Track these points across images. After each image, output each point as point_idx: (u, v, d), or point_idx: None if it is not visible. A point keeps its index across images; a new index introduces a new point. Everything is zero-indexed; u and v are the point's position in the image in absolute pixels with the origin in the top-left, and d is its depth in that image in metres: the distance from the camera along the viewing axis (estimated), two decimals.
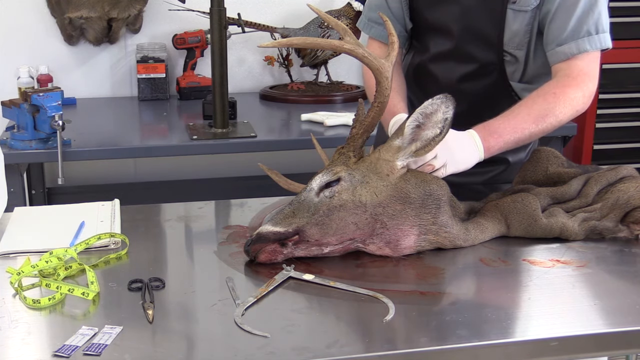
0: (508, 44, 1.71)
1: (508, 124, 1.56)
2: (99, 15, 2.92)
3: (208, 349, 1.11)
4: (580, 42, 1.62)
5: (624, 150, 3.19)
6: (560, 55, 1.64)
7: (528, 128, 1.57)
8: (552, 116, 1.58)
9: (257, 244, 1.36)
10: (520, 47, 1.71)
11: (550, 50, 1.66)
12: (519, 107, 1.60)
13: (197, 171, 3.24)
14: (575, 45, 1.62)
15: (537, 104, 1.59)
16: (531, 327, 1.18)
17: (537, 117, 1.57)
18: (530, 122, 1.57)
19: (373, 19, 1.82)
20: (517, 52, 1.72)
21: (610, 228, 1.49)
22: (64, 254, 1.35)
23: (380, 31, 1.81)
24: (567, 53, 1.63)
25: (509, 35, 1.70)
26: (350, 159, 1.42)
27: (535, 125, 1.57)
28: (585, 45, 1.62)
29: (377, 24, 1.81)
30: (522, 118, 1.57)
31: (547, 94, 1.60)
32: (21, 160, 2.42)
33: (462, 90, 1.71)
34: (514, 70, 1.75)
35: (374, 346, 1.11)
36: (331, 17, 1.47)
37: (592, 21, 1.63)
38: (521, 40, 1.71)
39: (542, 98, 1.59)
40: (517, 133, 1.57)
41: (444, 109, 1.38)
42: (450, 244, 1.44)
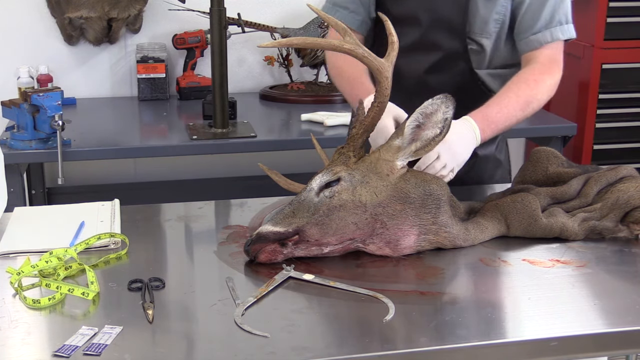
0: (474, 32, 1.72)
1: (502, 113, 1.62)
2: (98, 15, 2.92)
3: (208, 349, 1.11)
4: (554, 30, 1.69)
5: (624, 150, 3.19)
6: (534, 43, 1.70)
7: (517, 115, 1.64)
8: (535, 102, 1.66)
9: (257, 244, 1.36)
10: (487, 35, 1.73)
11: (524, 39, 1.71)
12: (508, 93, 1.64)
13: (197, 171, 3.24)
14: (550, 33, 1.69)
15: (522, 90, 1.65)
16: (531, 327, 1.18)
17: (524, 103, 1.65)
18: (518, 109, 1.64)
19: (338, 3, 1.83)
20: (483, 40, 1.73)
21: (610, 228, 1.49)
22: (64, 254, 1.35)
23: (344, 15, 1.81)
24: (541, 41, 1.70)
25: (477, 22, 1.71)
26: (350, 159, 1.42)
27: (522, 112, 1.65)
28: (558, 34, 1.70)
29: (342, 8, 1.82)
30: (513, 106, 1.63)
31: (529, 80, 1.66)
32: (21, 160, 2.42)
33: (428, 82, 1.72)
34: (480, 59, 1.76)
35: (374, 346, 1.11)
36: (331, 17, 1.46)
37: (562, 11, 1.71)
38: (489, 28, 1.72)
39: (525, 85, 1.66)
40: (508, 121, 1.64)
41: (444, 109, 1.38)
42: (450, 244, 1.44)
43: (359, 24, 1.82)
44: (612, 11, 3.02)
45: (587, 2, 3.06)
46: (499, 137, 1.88)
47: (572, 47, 3.16)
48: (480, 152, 1.83)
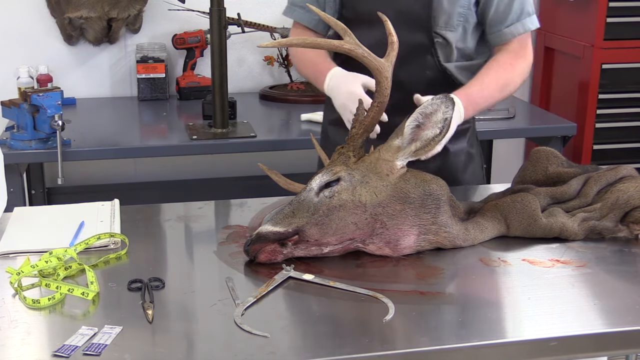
0: (439, 26, 1.74)
1: (482, 93, 1.70)
2: (98, 15, 2.91)
3: (208, 349, 1.11)
4: (525, 22, 1.77)
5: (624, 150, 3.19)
6: (507, 35, 1.77)
7: (495, 96, 1.73)
8: (512, 84, 1.74)
9: (257, 244, 1.36)
10: (452, 28, 1.75)
11: (497, 32, 1.77)
12: (487, 75, 1.72)
13: (197, 171, 3.24)
14: (521, 25, 1.77)
15: (500, 73, 1.73)
16: (531, 327, 1.18)
17: (502, 85, 1.73)
18: (497, 91, 1.72)
19: (295, 3, 1.88)
20: (448, 33, 1.75)
21: (609, 228, 1.49)
22: (64, 254, 1.35)
23: (302, 15, 1.86)
24: (514, 33, 1.77)
25: (441, 16, 1.73)
26: (350, 158, 1.42)
27: (500, 93, 1.73)
28: (528, 25, 1.78)
29: (299, 8, 1.86)
30: (492, 87, 1.71)
31: (505, 64, 1.74)
32: (21, 160, 2.42)
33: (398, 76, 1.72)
34: (446, 52, 1.78)
35: (374, 346, 1.11)
36: (331, 17, 1.46)
37: (528, 2, 1.78)
38: (453, 22, 1.74)
39: (503, 68, 1.74)
40: (488, 101, 1.72)
41: (444, 109, 1.38)
42: (450, 244, 1.44)
43: (316, 22, 1.86)
44: (612, 11, 3.02)
45: (587, 2, 3.06)
46: (470, 132, 1.89)
47: (572, 47, 3.16)
48: (451, 147, 1.84)
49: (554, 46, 3.32)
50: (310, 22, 1.86)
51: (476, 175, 1.95)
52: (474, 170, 1.94)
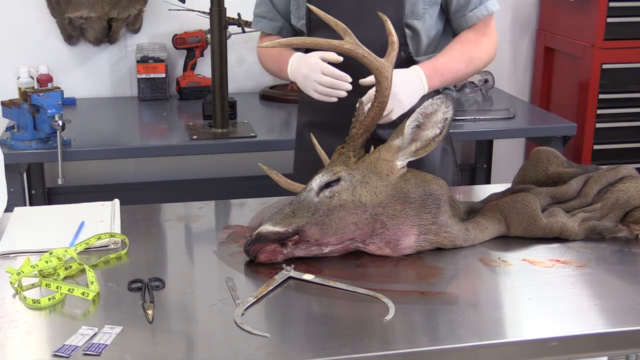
0: (406, 15, 1.76)
1: (448, 65, 1.74)
2: (98, 15, 2.92)
3: (208, 349, 1.11)
4: (487, 4, 1.81)
5: (624, 150, 3.19)
6: (472, 19, 1.81)
7: (461, 70, 1.76)
8: (477, 60, 1.79)
9: (257, 244, 1.36)
10: (418, 16, 1.76)
11: (461, 17, 1.81)
12: (452, 49, 1.77)
13: (197, 171, 3.24)
14: (484, 7, 1.80)
15: (464, 48, 1.77)
16: (531, 327, 1.18)
17: (468, 60, 1.77)
18: (463, 64, 1.76)
19: (258, 14, 1.95)
20: (414, 22, 1.76)
21: (610, 228, 1.49)
22: (64, 254, 1.35)
23: (265, 24, 1.93)
24: (478, 16, 1.80)
25: (408, 6, 1.75)
26: (350, 159, 1.42)
27: (466, 68, 1.77)
28: (490, 7, 1.81)
29: (262, 18, 1.94)
30: (457, 60, 1.75)
31: (470, 41, 1.79)
32: (21, 160, 2.42)
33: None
34: (416, 45, 1.79)
35: (374, 346, 1.11)
36: (331, 17, 1.46)
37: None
38: (418, 9, 1.76)
39: (467, 44, 1.78)
40: (454, 73, 1.75)
41: (444, 109, 1.38)
42: (450, 244, 1.44)
43: (279, 29, 1.92)
44: (612, 11, 3.02)
45: (587, 2, 3.06)
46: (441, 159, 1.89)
47: (572, 47, 3.16)
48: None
49: (554, 46, 3.32)
50: (273, 29, 1.92)
51: (451, 172, 1.93)
52: (448, 167, 1.92)
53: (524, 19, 3.44)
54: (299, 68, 1.72)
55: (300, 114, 1.99)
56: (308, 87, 1.69)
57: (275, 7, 1.91)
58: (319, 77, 1.65)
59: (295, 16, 1.85)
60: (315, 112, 1.88)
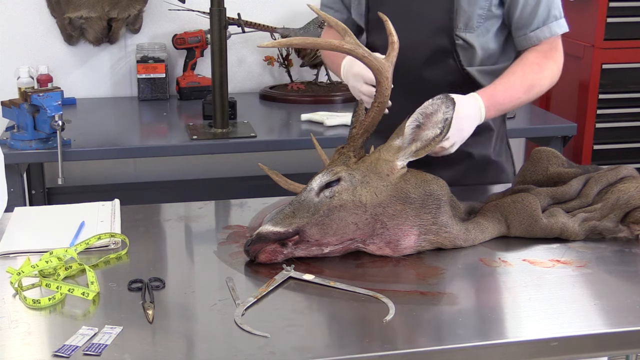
0: (460, 28, 1.73)
1: (507, 94, 1.67)
2: (98, 15, 2.92)
3: (208, 349, 1.11)
4: (551, 26, 1.75)
5: (624, 150, 3.19)
6: (533, 39, 1.75)
7: (520, 97, 1.69)
8: (538, 86, 1.71)
9: (257, 244, 1.36)
10: (471, 30, 1.73)
11: (522, 36, 1.75)
12: (513, 75, 1.69)
13: (197, 171, 3.24)
14: (548, 29, 1.74)
15: (526, 73, 1.70)
16: (531, 327, 1.18)
17: (529, 87, 1.69)
18: (523, 92, 1.69)
19: (327, 4, 1.91)
20: (467, 35, 1.74)
21: (610, 228, 1.49)
22: (64, 254, 1.35)
23: (330, 14, 1.86)
24: (540, 37, 1.75)
25: (462, 19, 1.72)
26: (350, 159, 1.42)
27: (526, 95, 1.70)
28: (555, 29, 1.76)
29: (328, 8, 1.90)
30: (517, 88, 1.68)
31: (533, 64, 1.71)
32: (21, 160, 2.42)
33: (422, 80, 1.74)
34: (469, 56, 1.76)
35: (374, 346, 1.11)
36: (331, 17, 1.47)
37: (556, 6, 1.76)
38: (473, 24, 1.73)
39: (530, 68, 1.71)
40: (512, 102, 1.69)
41: (444, 109, 1.38)
42: (450, 244, 1.44)
43: (344, 22, 1.83)
44: (612, 11, 3.02)
45: (587, 2, 3.06)
46: (496, 137, 1.87)
47: (572, 47, 3.16)
48: (476, 152, 1.82)
49: None
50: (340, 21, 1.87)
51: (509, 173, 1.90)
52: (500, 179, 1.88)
53: None
54: (347, 75, 1.73)
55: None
56: (356, 94, 1.71)
57: (343, 2, 1.87)
58: (362, 87, 1.66)
59: (356, 12, 1.83)
60: None
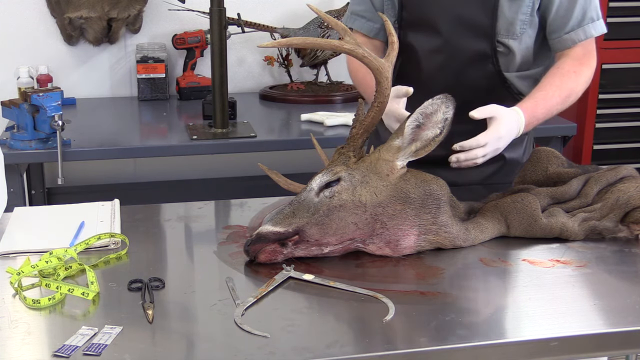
0: (501, 34, 1.72)
1: (546, 107, 1.65)
2: (98, 15, 2.92)
3: (208, 349, 1.11)
4: (587, 28, 1.72)
5: (624, 150, 3.19)
6: (568, 42, 1.72)
7: (557, 108, 1.68)
8: (574, 94, 1.70)
9: (257, 244, 1.36)
10: (514, 36, 1.72)
11: (557, 39, 1.73)
12: (552, 87, 1.68)
13: (197, 171, 3.24)
14: (583, 32, 1.72)
15: (564, 83, 1.68)
16: (531, 327, 1.18)
17: (565, 96, 1.68)
18: (559, 103, 1.68)
19: (356, 12, 1.86)
20: (510, 41, 1.72)
21: (610, 228, 1.49)
22: (64, 254, 1.35)
23: (362, 24, 1.85)
24: (575, 40, 1.72)
25: (503, 24, 1.71)
26: (350, 159, 1.42)
27: (562, 105, 1.69)
28: (591, 31, 1.72)
29: (359, 17, 1.85)
30: (555, 100, 1.66)
31: (570, 72, 1.70)
32: (21, 160, 2.41)
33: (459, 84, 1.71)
34: (508, 61, 1.75)
35: (374, 346, 1.11)
36: (331, 17, 1.46)
37: (593, 7, 1.73)
38: (515, 29, 1.71)
39: (567, 77, 1.69)
40: (549, 114, 1.67)
41: (444, 109, 1.38)
42: (450, 244, 1.44)
43: (377, 31, 1.84)
44: (612, 11, 3.02)
45: None
46: (526, 141, 1.88)
47: None
48: (507, 156, 1.82)
49: None
50: (370, 31, 1.84)
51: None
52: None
53: None
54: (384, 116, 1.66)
55: None
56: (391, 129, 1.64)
57: (374, 6, 1.82)
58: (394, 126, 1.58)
59: (391, 15, 1.79)
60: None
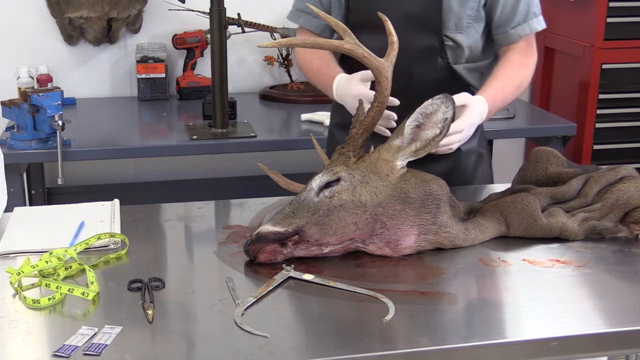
0: (449, 28, 1.75)
1: (503, 96, 1.73)
2: (98, 15, 2.92)
3: (208, 349, 1.11)
4: (531, 23, 1.79)
5: (624, 150, 3.19)
6: (514, 36, 1.80)
7: (511, 97, 1.76)
8: (524, 84, 1.79)
9: (257, 244, 1.36)
10: (461, 30, 1.75)
11: (503, 33, 1.79)
12: (505, 77, 1.75)
13: (197, 171, 3.24)
14: (528, 26, 1.79)
15: (516, 74, 1.76)
16: (531, 327, 1.18)
17: (518, 86, 1.77)
18: (513, 92, 1.76)
19: (301, 9, 1.88)
20: (457, 36, 1.75)
21: (610, 228, 1.49)
22: (64, 254, 1.35)
23: (308, 20, 1.86)
24: (520, 34, 1.79)
25: (451, 19, 1.74)
26: (350, 159, 1.42)
27: (514, 94, 1.77)
28: (535, 26, 1.80)
29: (304, 13, 1.87)
30: (510, 89, 1.75)
31: (519, 64, 1.78)
32: (21, 160, 2.42)
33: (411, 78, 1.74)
34: (456, 55, 1.78)
35: (374, 346, 1.11)
36: (331, 17, 1.46)
37: (535, 3, 1.80)
38: (463, 24, 1.75)
39: (517, 68, 1.77)
40: (505, 102, 1.76)
41: (444, 109, 1.38)
42: (450, 244, 1.44)
43: (323, 27, 1.86)
44: (612, 11, 3.02)
45: (587, 2, 3.06)
46: (479, 132, 1.90)
47: (572, 47, 3.16)
48: (463, 147, 1.83)
49: (554, 46, 3.32)
50: (316, 27, 1.87)
51: (486, 174, 1.95)
52: (483, 169, 1.94)
53: None
54: (345, 96, 1.70)
55: (334, 112, 1.98)
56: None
57: (321, 2, 1.84)
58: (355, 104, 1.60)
59: (338, 14, 1.81)
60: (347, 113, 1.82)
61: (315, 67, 1.84)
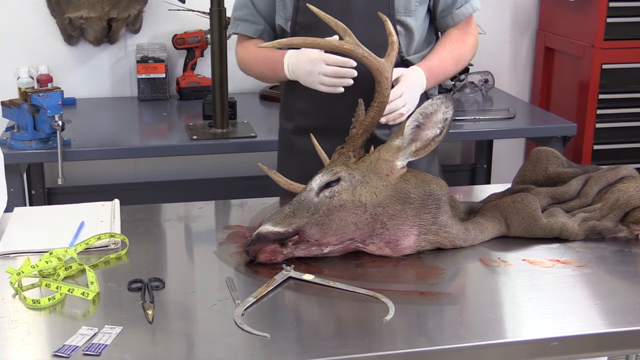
0: (400, 12, 1.75)
1: (441, 67, 1.79)
2: (98, 16, 2.92)
3: (208, 349, 1.11)
4: (472, 3, 1.85)
5: (624, 150, 3.19)
6: (459, 16, 1.84)
7: (451, 70, 1.83)
8: (464, 59, 1.85)
9: (257, 244, 1.36)
10: (410, 13, 1.77)
11: (448, 15, 1.83)
12: (444, 50, 1.81)
13: (197, 171, 3.24)
14: (470, 6, 1.84)
15: (454, 48, 1.83)
16: (531, 327, 1.18)
17: (456, 59, 1.83)
18: (453, 64, 1.82)
19: (238, 17, 1.89)
20: (408, 19, 1.76)
21: (610, 228, 1.49)
22: (64, 254, 1.35)
23: (247, 27, 1.87)
24: (465, 14, 1.84)
25: (400, 2, 1.75)
26: (350, 159, 1.42)
27: (454, 67, 1.83)
28: (476, 4, 1.86)
29: (242, 21, 1.88)
30: (448, 62, 1.81)
31: (458, 40, 1.84)
32: (21, 160, 2.42)
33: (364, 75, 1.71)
34: (408, 43, 1.79)
35: (374, 346, 1.11)
36: (331, 17, 1.46)
37: None
38: (411, 6, 1.77)
39: (456, 44, 1.83)
40: (445, 74, 1.82)
41: (444, 109, 1.38)
42: (450, 244, 1.44)
43: (261, 32, 1.86)
44: (612, 11, 3.02)
45: (587, 2, 3.06)
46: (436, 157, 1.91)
47: (572, 47, 3.16)
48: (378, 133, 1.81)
49: (554, 46, 3.32)
50: (255, 32, 1.86)
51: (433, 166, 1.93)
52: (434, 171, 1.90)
53: (524, 19, 3.44)
54: (299, 65, 1.68)
55: (285, 119, 1.92)
56: (314, 81, 1.65)
57: (257, 9, 1.85)
58: (323, 69, 1.62)
59: (282, 16, 1.80)
60: (301, 116, 1.83)
61: (261, 57, 1.82)
